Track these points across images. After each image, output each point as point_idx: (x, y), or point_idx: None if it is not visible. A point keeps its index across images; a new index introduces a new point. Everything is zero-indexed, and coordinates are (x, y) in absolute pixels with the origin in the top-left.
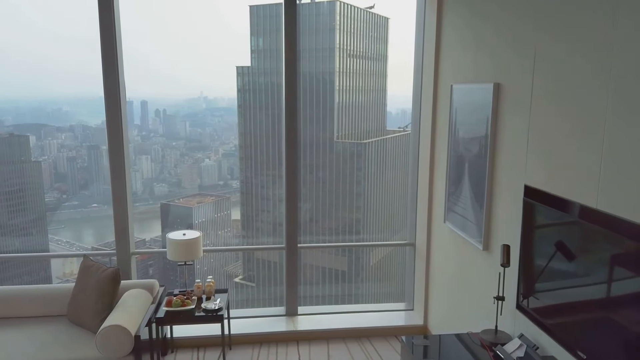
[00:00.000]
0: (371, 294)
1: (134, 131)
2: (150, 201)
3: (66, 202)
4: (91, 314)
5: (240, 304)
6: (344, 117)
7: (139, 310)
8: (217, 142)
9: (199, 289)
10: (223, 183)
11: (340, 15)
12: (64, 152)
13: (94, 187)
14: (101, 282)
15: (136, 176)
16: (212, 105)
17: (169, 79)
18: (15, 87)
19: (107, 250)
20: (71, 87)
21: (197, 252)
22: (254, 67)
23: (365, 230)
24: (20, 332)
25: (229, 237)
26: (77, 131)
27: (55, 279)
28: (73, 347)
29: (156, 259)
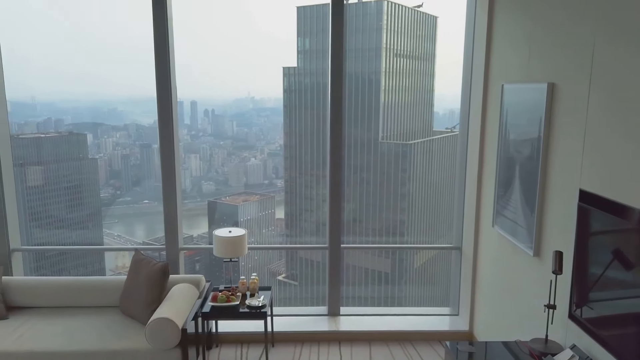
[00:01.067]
0: (414, 297)
1: (184, 130)
2: (198, 198)
3: (120, 198)
4: (141, 306)
5: (283, 302)
6: (389, 117)
7: (186, 304)
8: (263, 141)
9: (243, 285)
10: (268, 182)
11: (388, 15)
12: (119, 150)
13: (145, 184)
14: (151, 275)
15: (185, 174)
16: (259, 105)
17: (218, 80)
18: (74, 88)
19: (156, 245)
20: (126, 88)
21: (242, 249)
22: (300, 67)
23: (410, 233)
24: (77, 320)
25: (273, 235)
26: (131, 130)
27: (108, 272)
28: (125, 337)
29: (203, 255)
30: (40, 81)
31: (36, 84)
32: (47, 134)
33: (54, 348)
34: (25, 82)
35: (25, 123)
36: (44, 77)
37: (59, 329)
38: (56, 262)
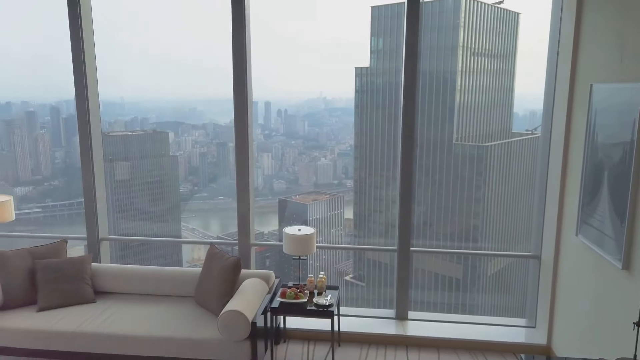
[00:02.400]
0: (487, 305)
1: (258, 130)
2: (270, 196)
3: (197, 194)
4: (214, 298)
5: (349, 302)
6: (464, 118)
7: (256, 299)
8: (334, 141)
9: (311, 283)
10: (337, 182)
11: (466, 12)
12: (197, 147)
13: (221, 180)
14: (224, 269)
15: (258, 172)
16: (330, 105)
17: (292, 81)
18: (158, 89)
19: (230, 240)
20: (205, 89)
21: (311, 247)
22: (373, 67)
23: (484, 238)
24: (156, 307)
25: (341, 235)
26: (208, 129)
27: (185, 263)
28: (199, 326)
29: (273, 252)
30: (128, 82)
31: (125, 84)
32: (133, 132)
33: (134, 332)
34: (116, 82)
35: (115, 121)
36: (133, 78)
37: (139, 315)
38: (139, 251)
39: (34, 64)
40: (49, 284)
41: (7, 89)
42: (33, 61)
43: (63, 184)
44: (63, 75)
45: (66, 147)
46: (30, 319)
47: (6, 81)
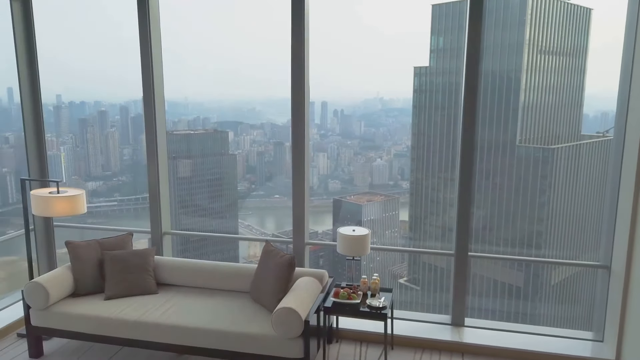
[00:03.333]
0: (550, 316)
1: (314, 130)
2: (324, 196)
3: (254, 192)
4: (269, 295)
5: (403, 305)
6: (529, 118)
7: (310, 297)
8: (390, 142)
9: (364, 284)
10: (393, 183)
11: (533, 8)
12: (255, 147)
13: (277, 179)
14: (279, 266)
15: (313, 172)
16: (387, 105)
17: (349, 81)
18: (220, 89)
19: (284, 238)
20: (264, 89)
21: (365, 248)
22: (432, 67)
23: (548, 245)
24: (213, 301)
25: (396, 237)
26: (266, 129)
27: (241, 259)
28: (253, 322)
29: (326, 251)
30: (192, 82)
31: (189, 85)
32: (195, 131)
33: (193, 324)
34: (180, 83)
35: (178, 121)
36: (196, 79)
37: (198, 307)
38: (198, 246)
39: (106, 67)
40: (115, 274)
41: (82, 90)
42: (105, 63)
43: (130, 179)
44: (132, 76)
45: (133, 144)
46: (98, 307)
47: (82, 82)
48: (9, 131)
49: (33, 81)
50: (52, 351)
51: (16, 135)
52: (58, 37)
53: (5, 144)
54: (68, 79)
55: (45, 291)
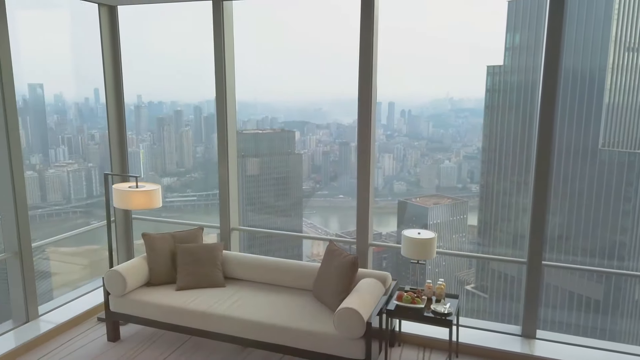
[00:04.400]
0: (633, 333)
1: (380, 130)
2: (389, 197)
3: (318, 191)
4: (331, 294)
5: (469, 312)
6: (613, 121)
7: (372, 299)
8: (459, 143)
9: (429, 289)
10: (462, 186)
11: (620, 3)
12: (320, 146)
13: (341, 179)
14: (342, 266)
15: (378, 173)
16: (457, 106)
17: (417, 80)
18: (287, 90)
19: (348, 238)
20: (331, 90)
21: (430, 252)
22: (507, 65)
23: (632, 257)
24: (277, 297)
25: (463, 242)
26: (332, 129)
27: (305, 257)
28: (315, 320)
29: (390, 253)
30: (262, 83)
31: (258, 86)
32: (263, 131)
33: (257, 318)
34: (249, 84)
35: (248, 120)
36: (266, 79)
37: (262, 302)
38: (263, 243)
39: (182, 68)
40: (186, 267)
41: (160, 91)
42: (182, 65)
43: (202, 176)
44: (206, 78)
45: (206, 143)
46: (170, 296)
47: (160, 83)
48: (95, 129)
49: (117, 83)
50: (128, 336)
51: (101, 133)
52: (139, 41)
53: (92, 140)
54: (148, 80)
55: (123, 279)
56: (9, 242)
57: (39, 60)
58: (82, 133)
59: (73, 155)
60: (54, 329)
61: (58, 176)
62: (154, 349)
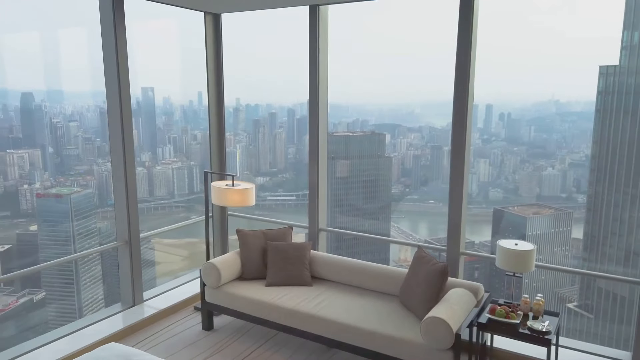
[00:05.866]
0: None
1: (476, 134)
2: (484, 205)
3: (408, 196)
4: (419, 301)
5: (570, 332)
6: None
7: (462, 310)
8: (565, 150)
9: (526, 304)
10: (566, 196)
11: None
12: (411, 150)
13: (432, 184)
14: (431, 274)
15: (473, 178)
16: (563, 109)
17: (518, 81)
18: (379, 92)
19: (437, 245)
20: (424, 92)
21: (528, 265)
22: (623, 65)
23: None
24: (363, 300)
25: (566, 256)
26: (424, 132)
27: (391, 262)
28: (401, 327)
29: (483, 264)
30: (353, 86)
31: (349, 88)
32: (354, 133)
33: (343, 320)
34: (341, 87)
35: (339, 123)
36: (358, 81)
37: (348, 304)
38: (350, 245)
39: (278, 72)
40: (276, 264)
41: (257, 94)
42: (278, 69)
43: (292, 176)
44: (300, 81)
45: (297, 144)
46: (260, 292)
47: (257, 87)
48: (197, 129)
49: (218, 86)
50: (221, 326)
51: (202, 134)
52: (239, 46)
53: (194, 140)
54: (246, 84)
55: (218, 272)
56: (120, 231)
57: (150, 66)
58: (186, 133)
59: (177, 154)
60: (156, 314)
61: (164, 173)
62: (244, 341)
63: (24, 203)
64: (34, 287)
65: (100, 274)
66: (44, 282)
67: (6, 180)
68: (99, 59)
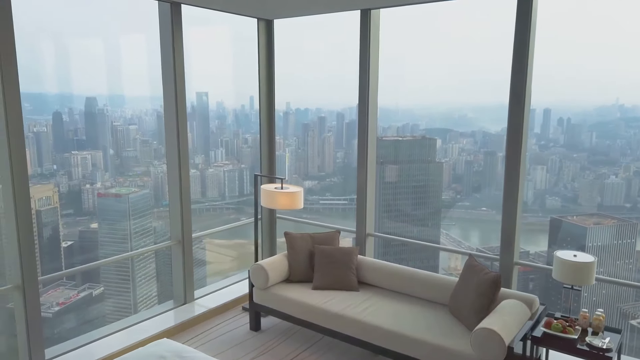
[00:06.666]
0: None
1: (532, 140)
2: (540, 213)
3: (459, 202)
4: (469, 311)
5: (635, 351)
6: None
7: (515, 322)
8: (630, 157)
9: (584, 319)
10: (630, 206)
11: None
12: (463, 155)
13: (485, 191)
14: (482, 283)
15: (528, 186)
16: (629, 114)
17: (579, 84)
18: (430, 96)
19: (489, 254)
20: (477, 95)
21: (588, 278)
22: None
23: None
24: (410, 308)
25: (630, 270)
26: (477, 137)
27: (440, 270)
28: (450, 337)
29: (538, 275)
30: (405, 89)
31: (400, 93)
32: (404, 137)
33: (389, 326)
34: (391, 90)
35: (388, 127)
36: (409, 84)
37: (395, 311)
38: (398, 251)
39: (328, 75)
40: (323, 267)
41: (307, 98)
42: (328, 72)
43: (340, 181)
44: (350, 85)
45: (346, 148)
46: (306, 295)
47: (307, 91)
48: (248, 133)
49: (269, 91)
50: (268, 327)
51: (253, 137)
52: (290, 51)
53: (245, 144)
54: (296, 88)
55: (266, 273)
56: (174, 231)
57: (205, 71)
58: (237, 137)
59: (229, 157)
60: (205, 312)
61: (216, 175)
62: (290, 343)
63: (86, 202)
64: (93, 282)
65: (154, 271)
66: (103, 277)
67: (71, 180)
68: (157, 64)
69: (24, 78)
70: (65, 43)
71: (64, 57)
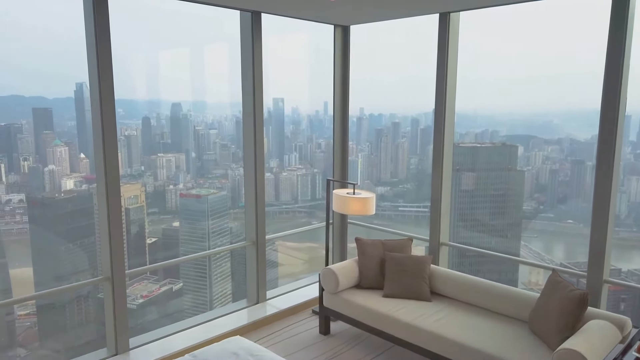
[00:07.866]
0: None
1: (627, 148)
2: (634, 228)
3: (542, 213)
4: (551, 330)
5: None
6: None
7: (603, 345)
8: None
9: None
10: None
11: None
12: (548, 164)
13: (571, 202)
14: (567, 301)
15: (622, 198)
16: None
17: None
18: (511, 101)
19: (575, 270)
20: (565, 100)
21: None
22: None
23: None
24: (486, 322)
25: None
26: (564, 144)
27: (520, 284)
28: (529, 355)
29: (631, 295)
30: (483, 94)
31: (479, 99)
32: (482, 144)
33: (464, 340)
34: (472, 95)
35: (465, 133)
36: (488, 89)
37: (470, 325)
38: (474, 262)
39: (404, 80)
40: (394, 275)
41: (380, 103)
42: (403, 77)
43: (414, 187)
44: (427, 90)
45: (420, 154)
46: (377, 302)
47: (381, 96)
48: (321, 138)
49: (344, 97)
50: (337, 332)
51: (326, 142)
52: (364, 56)
53: (318, 149)
54: (370, 93)
55: (336, 278)
56: (249, 232)
57: (281, 77)
58: (311, 142)
59: (302, 161)
60: (277, 313)
61: (289, 179)
62: (359, 349)
63: (169, 201)
64: (173, 278)
65: (229, 270)
66: (182, 273)
67: (156, 180)
68: (237, 71)
69: (119, 86)
70: (155, 54)
71: (154, 66)
